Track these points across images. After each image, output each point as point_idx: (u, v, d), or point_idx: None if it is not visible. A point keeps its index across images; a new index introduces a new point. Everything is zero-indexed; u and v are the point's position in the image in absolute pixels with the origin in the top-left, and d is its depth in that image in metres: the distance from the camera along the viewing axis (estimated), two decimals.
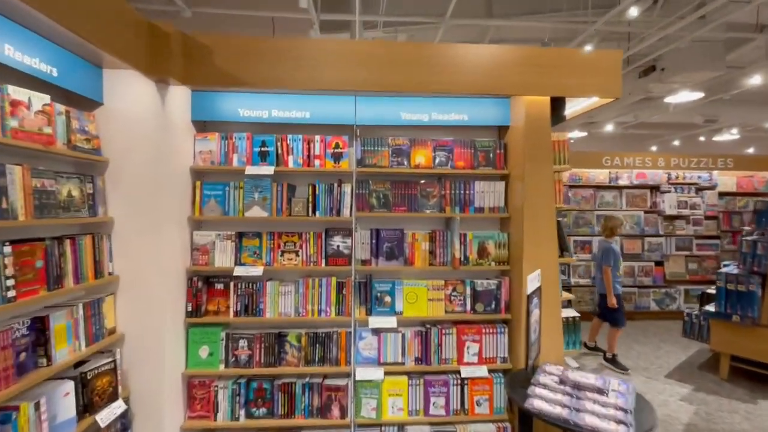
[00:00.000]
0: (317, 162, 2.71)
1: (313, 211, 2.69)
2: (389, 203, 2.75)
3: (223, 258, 2.68)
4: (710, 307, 4.46)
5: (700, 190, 6.81)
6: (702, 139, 10.10)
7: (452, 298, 2.79)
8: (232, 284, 2.67)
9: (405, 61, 2.51)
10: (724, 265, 4.68)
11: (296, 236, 2.71)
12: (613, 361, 4.56)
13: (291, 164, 2.70)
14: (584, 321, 3.86)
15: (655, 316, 6.44)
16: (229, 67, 2.45)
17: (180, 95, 2.54)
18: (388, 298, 2.74)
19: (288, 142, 2.71)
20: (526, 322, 2.29)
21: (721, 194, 6.89)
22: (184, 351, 2.61)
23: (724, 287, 4.21)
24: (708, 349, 4.65)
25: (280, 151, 2.71)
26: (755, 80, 5.65)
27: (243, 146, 2.70)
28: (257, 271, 2.61)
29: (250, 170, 2.61)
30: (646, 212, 6.61)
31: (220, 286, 2.67)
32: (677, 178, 6.74)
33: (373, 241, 2.72)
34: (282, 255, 2.70)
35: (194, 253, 2.67)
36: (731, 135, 9.09)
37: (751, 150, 11.53)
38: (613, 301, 4.43)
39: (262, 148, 2.71)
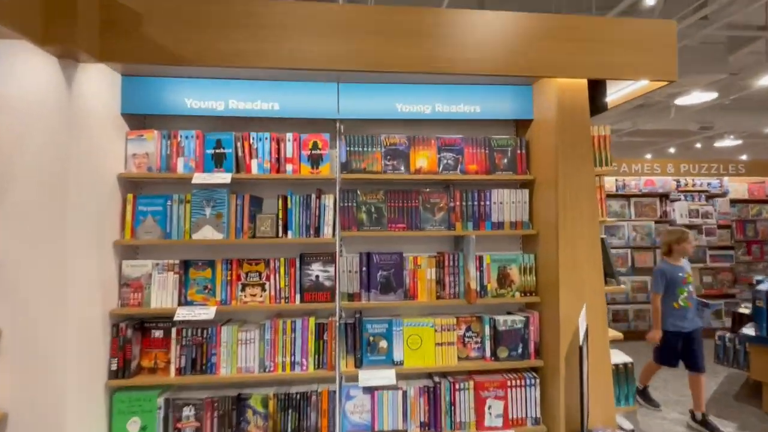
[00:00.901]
0: (289, 167, 2.20)
1: (285, 231, 2.16)
2: (383, 219, 2.24)
3: (162, 296, 2.09)
4: (748, 330, 3.94)
5: (710, 197, 6.44)
6: (698, 146, 9.90)
7: (467, 340, 2.19)
8: (174, 331, 2.10)
9: (402, 31, 2.00)
10: (758, 281, 4.19)
11: (262, 264, 2.18)
12: (643, 394, 3.98)
13: (255, 170, 2.19)
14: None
15: None
16: (163, 37, 1.84)
17: (101, 79, 1.91)
18: (383, 344, 2.15)
19: (251, 141, 2.21)
20: (579, 378, 1.67)
21: (733, 202, 6.52)
22: (105, 426, 1.96)
23: (765, 308, 3.71)
24: (743, 376, 4.11)
25: (240, 154, 2.19)
26: (764, 81, 5.40)
27: (191, 147, 2.16)
28: (208, 312, 2.03)
29: (200, 178, 2.09)
30: (656, 222, 6.24)
31: (158, 334, 2.09)
32: (686, 185, 6.36)
33: (364, 269, 2.21)
34: (242, 290, 2.13)
35: (123, 291, 2.06)
36: (731, 141, 8.86)
37: (744, 157, 11.40)
38: (654, 336, 3.47)
39: (217, 150, 2.17)
